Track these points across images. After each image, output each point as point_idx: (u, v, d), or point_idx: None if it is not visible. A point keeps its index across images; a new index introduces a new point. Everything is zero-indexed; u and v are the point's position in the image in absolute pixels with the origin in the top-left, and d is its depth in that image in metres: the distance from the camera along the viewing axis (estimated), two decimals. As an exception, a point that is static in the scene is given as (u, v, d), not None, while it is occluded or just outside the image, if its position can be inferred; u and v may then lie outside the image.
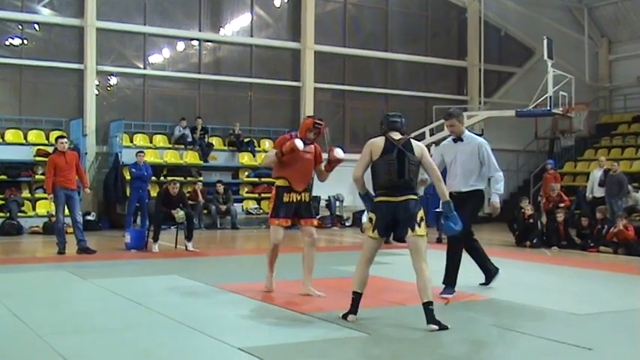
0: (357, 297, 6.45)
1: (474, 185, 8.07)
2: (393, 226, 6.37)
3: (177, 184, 13.27)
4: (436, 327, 6.07)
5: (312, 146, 7.98)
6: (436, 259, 8.45)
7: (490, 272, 8.59)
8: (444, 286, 7.89)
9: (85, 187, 12.68)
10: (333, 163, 8.00)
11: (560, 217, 14.62)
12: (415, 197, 6.33)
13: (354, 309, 6.42)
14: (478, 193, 8.11)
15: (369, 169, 6.45)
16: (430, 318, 6.13)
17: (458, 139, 8.19)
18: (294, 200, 7.79)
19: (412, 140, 6.55)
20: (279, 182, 7.87)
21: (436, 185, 6.57)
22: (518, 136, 24.42)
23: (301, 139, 7.73)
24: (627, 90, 25.99)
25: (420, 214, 6.29)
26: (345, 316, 6.42)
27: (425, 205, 7.34)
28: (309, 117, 8.19)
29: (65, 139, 12.48)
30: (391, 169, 6.30)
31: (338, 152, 7.88)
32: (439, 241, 14.07)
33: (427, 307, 6.16)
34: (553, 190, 16.25)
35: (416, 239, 6.26)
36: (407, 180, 6.30)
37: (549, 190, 16.47)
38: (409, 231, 6.24)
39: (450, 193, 7.03)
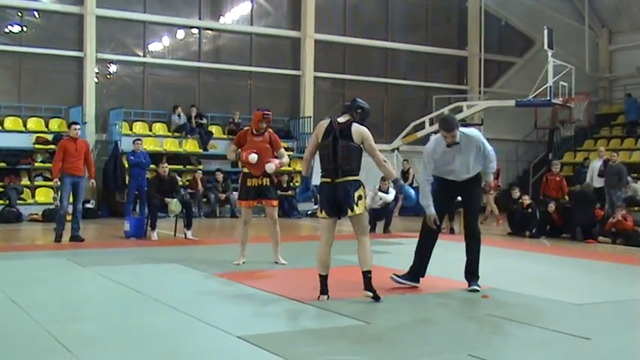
0: (322, 279, 6.86)
1: (476, 170, 7.81)
2: (336, 206, 6.76)
3: (166, 165, 13.44)
4: (371, 294, 6.65)
5: (267, 134, 9.33)
6: (453, 250, 8.51)
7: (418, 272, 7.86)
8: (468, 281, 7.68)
9: (91, 178, 12.60)
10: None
11: (552, 207, 14.59)
12: (352, 179, 6.71)
13: (322, 289, 6.82)
14: (478, 176, 7.93)
15: None
16: (367, 285, 6.68)
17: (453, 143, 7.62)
18: (256, 185, 9.22)
19: (354, 125, 6.80)
20: (244, 169, 9.39)
21: (380, 168, 6.94)
22: (517, 126, 24.41)
23: (256, 129, 9.25)
24: (627, 80, 25.92)
25: (358, 193, 6.70)
26: (318, 298, 6.77)
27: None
28: (258, 109, 9.44)
29: (78, 126, 12.43)
30: (327, 153, 6.74)
31: (252, 157, 9.07)
32: (452, 231, 14.10)
33: (365, 275, 6.71)
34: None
35: (356, 218, 6.76)
36: (340, 164, 6.68)
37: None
38: (349, 211, 6.68)
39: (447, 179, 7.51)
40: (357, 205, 6.68)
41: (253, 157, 9.03)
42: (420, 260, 7.74)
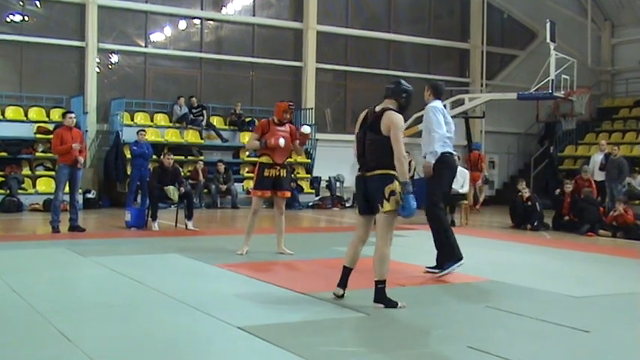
0: (345, 271, 6.49)
1: (428, 147, 7.98)
2: (367, 202, 6.34)
3: (171, 155, 13.41)
4: (382, 306, 6.16)
5: (288, 126, 9.44)
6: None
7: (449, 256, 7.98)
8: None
9: (82, 156, 12.40)
10: (302, 137, 9.56)
11: (568, 188, 14.61)
12: (382, 172, 6.20)
13: (341, 281, 6.49)
14: (441, 157, 7.95)
15: None
16: (376, 296, 6.22)
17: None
18: (274, 175, 9.28)
19: (386, 113, 6.28)
20: (262, 159, 9.35)
21: (395, 162, 6.17)
22: (519, 119, 24.41)
23: (279, 119, 9.33)
24: (629, 74, 25.91)
25: (390, 188, 6.14)
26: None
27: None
28: (282, 101, 9.52)
29: (74, 115, 12.41)
30: (358, 147, 6.47)
31: (305, 128, 9.51)
32: (453, 224, 14.03)
33: (375, 285, 6.24)
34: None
35: (381, 216, 6.22)
36: (368, 158, 6.31)
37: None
38: (379, 207, 6.20)
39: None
40: (387, 200, 6.14)
41: (282, 141, 9.15)
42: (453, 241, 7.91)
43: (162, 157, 13.61)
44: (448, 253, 7.90)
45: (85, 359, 4.53)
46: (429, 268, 8.05)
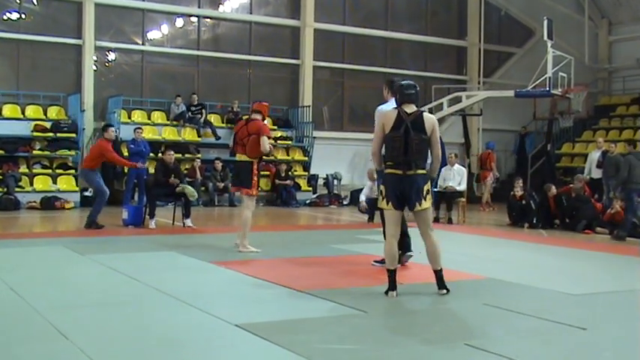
0: (391, 274, 6.60)
1: None
2: (403, 199, 6.52)
3: (172, 152, 13.40)
4: (445, 291, 6.60)
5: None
6: (451, 241, 8.49)
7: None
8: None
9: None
10: None
11: (552, 192, 14.59)
12: (421, 172, 6.49)
13: (391, 285, 6.60)
14: None
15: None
16: (440, 284, 6.64)
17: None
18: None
19: (424, 115, 6.60)
20: (257, 160, 9.46)
21: (434, 162, 6.71)
22: (516, 116, 24.39)
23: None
24: (626, 72, 25.93)
25: (426, 187, 6.53)
26: (386, 292, 6.59)
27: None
28: (264, 102, 9.92)
29: (114, 128, 13.34)
30: (398, 146, 6.42)
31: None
32: (450, 222, 14.50)
33: (437, 274, 6.65)
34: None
35: (422, 212, 6.56)
36: (412, 158, 6.42)
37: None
38: (417, 205, 6.48)
39: None
40: (425, 199, 6.50)
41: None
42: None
43: (162, 153, 13.62)
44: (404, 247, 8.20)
45: (83, 356, 4.53)
46: (376, 261, 8.37)
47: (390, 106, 7.30)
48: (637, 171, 13.00)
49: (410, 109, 6.55)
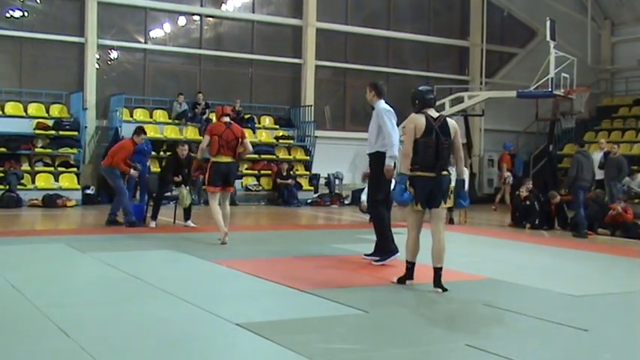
0: (411, 265, 7.08)
1: (376, 148, 8.33)
2: (431, 199, 6.92)
3: (186, 146, 13.41)
4: (440, 290, 6.78)
5: None
6: (451, 241, 8.49)
7: (385, 249, 8.50)
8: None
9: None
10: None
11: (556, 199, 14.58)
12: (447, 173, 6.94)
13: (409, 275, 7.09)
14: (380, 155, 8.25)
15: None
16: (436, 282, 6.82)
17: (372, 107, 8.62)
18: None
19: (448, 120, 7.02)
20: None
21: (459, 165, 7.26)
22: (518, 117, 24.38)
23: None
24: (629, 73, 25.91)
25: (450, 187, 6.98)
26: (400, 280, 7.12)
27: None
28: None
29: (145, 136, 13.43)
30: (430, 152, 6.81)
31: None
32: (451, 222, 14.30)
33: (437, 271, 6.84)
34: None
35: (442, 210, 7.00)
36: (443, 161, 6.88)
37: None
38: (442, 203, 6.92)
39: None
40: (449, 198, 6.98)
41: None
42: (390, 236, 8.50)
43: (177, 148, 13.55)
44: (385, 246, 8.40)
45: (84, 354, 4.53)
46: (367, 255, 8.67)
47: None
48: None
49: (433, 113, 6.98)
